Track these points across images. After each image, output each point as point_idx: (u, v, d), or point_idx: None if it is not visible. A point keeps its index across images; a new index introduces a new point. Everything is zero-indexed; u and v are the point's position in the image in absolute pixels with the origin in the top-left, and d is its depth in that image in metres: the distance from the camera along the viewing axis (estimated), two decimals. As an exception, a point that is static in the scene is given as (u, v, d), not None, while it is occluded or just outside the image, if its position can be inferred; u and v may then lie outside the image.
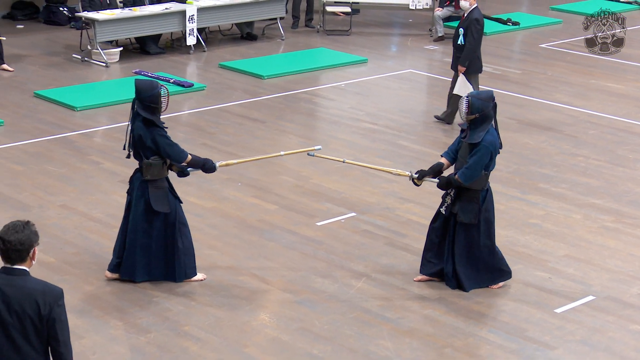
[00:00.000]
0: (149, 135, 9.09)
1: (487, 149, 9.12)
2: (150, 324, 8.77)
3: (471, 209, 9.25)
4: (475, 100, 9.12)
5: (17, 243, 5.68)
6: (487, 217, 9.39)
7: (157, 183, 9.23)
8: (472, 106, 9.10)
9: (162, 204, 9.23)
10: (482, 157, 9.12)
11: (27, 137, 13.44)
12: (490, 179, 12.25)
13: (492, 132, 9.20)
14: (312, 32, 20.22)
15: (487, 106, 9.12)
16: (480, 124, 9.15)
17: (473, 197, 9.26)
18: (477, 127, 9.16)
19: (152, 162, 9.15)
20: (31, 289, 5.70)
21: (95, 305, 9.06)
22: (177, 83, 15.92)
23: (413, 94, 16.21)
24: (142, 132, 9.10)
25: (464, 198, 9.27)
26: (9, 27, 19.56)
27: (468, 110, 9.13)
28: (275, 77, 16.70)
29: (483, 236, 9.38)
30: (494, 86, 16.44)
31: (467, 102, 9.14)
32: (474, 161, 9.11)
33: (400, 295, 9.40)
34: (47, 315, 5.68)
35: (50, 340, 5.72)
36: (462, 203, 9.27)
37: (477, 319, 8.99)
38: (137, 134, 9.14)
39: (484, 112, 9.12)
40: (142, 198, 9.23)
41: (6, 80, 16.14)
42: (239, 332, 8.69)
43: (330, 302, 9.25)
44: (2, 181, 11.88)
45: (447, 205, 9.39)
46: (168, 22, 17.97)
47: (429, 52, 18.87)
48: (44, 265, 9.75)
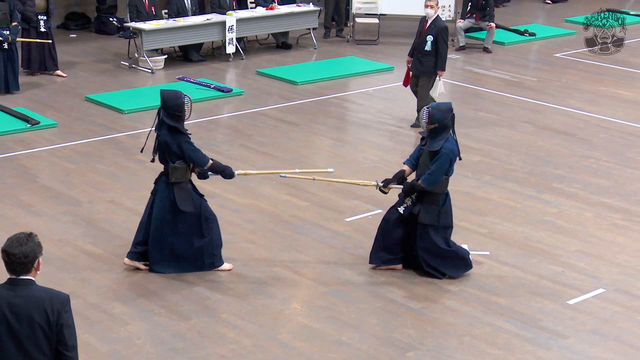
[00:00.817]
0: (174, 142, 9.12)
1: (447, 156, 9.19)
2: (190, 312, 8.77)
3: (432, 211, 9.31)
4: (436, 112, 9.19)
5: (22, 256, 5.47)
6: (445, 219, 9.41)
7: (182, 185, 9.27)
8: (432, 117, 9.18)
9: (187, 204, 9.27)
10: (442, 163, 9.19)
11: (78, 138, 13.49)
12: (507, 178, 12.23)
13: (451, 140, 9.26)
14: (342, 42, 20.17)
15: (446, 117, 9.19)
16: (439, 133, 9.22)
17: (434, 200, 9.32)
18: (436, 136, 9.22)
19: (177, 165, 9.19)
20: (38, 297, 5.54)
21: (140, 294, 9.07)
22: (217, 88, 15.93)
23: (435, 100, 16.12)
24: (168, 138, 9.13)
25: (425, 201, 9.32)
26: (62, 36, 19.64)
27: (428, 121, 9.21)
28: (308, 83, 16.67)
29: (440, 237, 9.39)
30: (511, 92, 16.37)
31: (427, 113, 9.21)
32: (435, 167, 9.18)
33: (423, 286, 9.35)
34: (56, 321, 5.52)
35: (59, 346, 5.56)
36: (423, 205, 9.32)
37: (494, 310, 8.94)
38: (164, 140, 9.17)
39: (443, 122, 9.18)
40: (167, 199, 9.27)
41: (60, 85, 16.21)
42: (273, 319, 8.68)
43: (358, 292, 9.22)
44: (55, 178, 11.93)
45: (406, 206, 9.43)
46: (209, 32, 17.98)
47: (451, 61, 18.76)
48: (93, 257, 9.78)
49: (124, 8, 19.98)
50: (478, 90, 16.63)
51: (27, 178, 11.91)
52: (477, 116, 15.06)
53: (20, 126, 13.76)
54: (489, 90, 16.58)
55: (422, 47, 14.06)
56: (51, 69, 16.68)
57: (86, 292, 9.06)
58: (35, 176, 11.98)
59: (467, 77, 17.51)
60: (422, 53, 14.10)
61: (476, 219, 10.96)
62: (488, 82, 17.16)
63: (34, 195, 11.35)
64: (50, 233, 10.32)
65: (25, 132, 13.63)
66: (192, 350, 8.14)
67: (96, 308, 8.78)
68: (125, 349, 8.13)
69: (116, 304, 8.88)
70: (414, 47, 14.23)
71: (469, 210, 11.22)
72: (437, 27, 14.02)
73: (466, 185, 11.99)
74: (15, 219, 10.68)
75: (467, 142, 13.62)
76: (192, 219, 9.36)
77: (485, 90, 16.62)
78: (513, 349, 8.30)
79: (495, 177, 12.34)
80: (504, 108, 15.51)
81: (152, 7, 18.06)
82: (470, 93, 16.48)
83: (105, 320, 8.58)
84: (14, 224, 10.49)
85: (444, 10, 19.83)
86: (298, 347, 8.23)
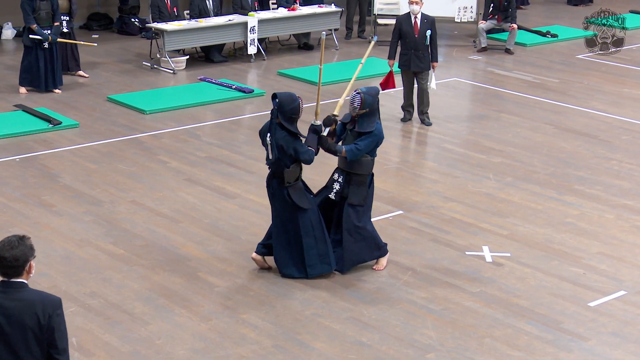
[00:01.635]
0: (290, 146, 9.11)
1: (377, 137, 9.41)
2: (211, 312, 8.78)
3: (360, 192, 9.48)
4: (367, 97, 9.36)
5: (12, 259, 5.41)
6: (370, 201, 9.63)
7: (297, 185, 9.30)
8: (364, 102, 9.34)
9: (303, 202, 9.28)
10: (371, 142, 9.39)
11: (100, 138, 13.53)
12: (528, 180, 12.18)
13: (379, 123, 9.48)
14: (364, 43, 20.15)
15: (376, 101, 9.42)
16: (370, 117, 9.40)
17: (362, 182, 9.49)
18: (367, 119, 9.39)
19: (291, 169, 9.20)
20: (30, 300, 5.47)
21: (161, 294, 9.09)
22: (239, 89, 15.94)
23: (458, 100, 16.10)
24: (284, 142, 9.10)
25: (354, 182, 9.48)
26: (85, 36, 19.70)
27: (360, 106, 9.34)
28: (330, 84, 16.65)
29: (366, 217, 9.57)
30: (533, 94, 16.32)
31: (360, 98, 9.34)
32: (364, 144, 9.35)
33: (443, 288, 9.33)
34: (47, 324, 5.46)
35: (50, 349, 5.51)
36: (352, 187, 9.47)
37: (515, 311, 8.90)
38: (279, 144, 9.12)
39: (373, 106, 9.40)
40: (284, 201, 9.27)
41: (82, 85, 16.27)
42: (294, 320, 8.68)
43: (378, 293, 9.21)
44: (77, 178, 11.96)
45: (336, 191, 9.56)
46: (231, 33, 17.99)
47: (472, 62, 18.74)
48: (114, 257, 9.80)
49: (146, 9, 20.02)
50: (500, 91, 16.58)
51: (49, 178, 11.95)
52: (498, 117, 15.01)
53: (42, 126, 13.81)
54: (511, 92, 16.52)
55: (422, 43, 14.14)
56: (73, 69, 16.74)
57: (107, 292, 9.08)
58: (57, 176, 12.02)
59: (489, 78, 17.45)
60: (422, 49, 14.17)
61: (497, 221, 10.93)
62: (510, 83, 17.10)
63: (55, 195, 11.39)
64: (72, 233, 10.36)
65: (47, 132, 13.69)
66: (212, 351, 8.15)
67: (117, 308, 8.80)
68: (146, 349, 8.14)
69: (137, 304, 8.90)
70: (408, 46, 14.22)
71: (490, 211, 11.18)
72: (430, 21, 14.19)
73: (487, 187, 11.96)
74: (37, 218, 10.72)
75: (488, 143, 13.59)
76: (313, 215, 9.34)
77: (507, 91, 16.57)
78: (534, 351, 8.26)
79: (517, 178, 12.29)
80: (526, 109, 15.46)
81: (174, 8, 18.10)
82: (492, 94, 16.43)
83: (125, 320, 8.59)
84: (35, 224, 10.53)
85: (465, 12, 19.79)
86: (318, 348, 8.22)
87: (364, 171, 9.47)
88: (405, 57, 14.32)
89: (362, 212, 9.52)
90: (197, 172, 12.20)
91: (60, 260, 9.74)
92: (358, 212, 9.50)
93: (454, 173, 12.46)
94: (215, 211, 11.04)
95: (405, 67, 14.38)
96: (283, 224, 9.36)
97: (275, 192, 9.32)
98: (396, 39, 14.45)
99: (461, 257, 9.96)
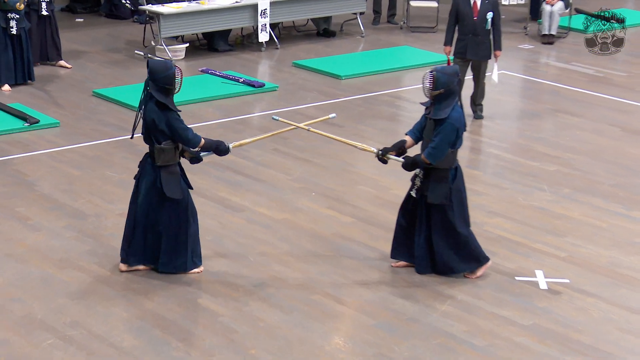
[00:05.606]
0: (163, 119, 9.42)
1: (453, 126, 9.48)
2: (214, 346, 8.75)
3: (441, 189, 9.61)
4: (441, 75, 9.46)
5: None
6: (459, 197, 9.72)
7: (170, 168, 9.57)
8: (437, 81, 9.46)
9: (175, 190, 9.56)
10: (448, 134, 9.47)
11: (84, 140, 13.55)
12: (590, 192, 12.12)
13: (458, 109, 9.55)
14: (394, 29, 20.16)
15: (452, 81, 9.48)
16: (445, 100, 9.48)
17: (442, 177, 9.61)
18: (442, 103, 9.49)
19: (164, 147, 9.49)
20: None
21: (155, 324, 9.06)
22: (247, 83, 15.96)
23: (504, 97, 16.05)
24: (156, 115, 9.43)
25: (432, 178, 9.60)
26: (67, 20, 19.79)
27: (432, 86, 9.48)
28: (354, 78, 16.66)
29: (457, 218, 9.72)
30: (595, 90, 16.27)
31: (431, 77, 9.47)
32: (440, 139, 9.46)
33: (489, 320, 9.28)
34: None
35: None
36: (431, 183, 9.59)
37: (577, 349, 8.84)
38: (150, 118, 9.45)
39: (449, 87, 9.46)
40: (154, 184, 9.58)
41: (64, 78, 16.31)
42: (311, 356, 8.64)
43: (411, 325, 9.17)
44: (57, 187, 11.97)
45: (417, 188, 9.72)
46: (238, 17, 18.03)
47: (523, 52, 18.69)
48: (100, 280, 9.80)
49: (139, -12, 20.09)
50: (556, 86, 16.56)
51: (24, 186, 11.97)
52: (554, 118, 14.97)
53: (17, 125, 13.85)
54: (569, 87, 16.50)
55: (482, 27, 14.24)
56: (54, 58, 16.81)
57: (91, 322, 9.07)
58: (34, 184, 12.04)
59: (543, 72, 17.43)
60: (482, 34, 14.29)
61: (553, 240, 10.88)
62: (568, 77, 17.07)
63: (31, 206, 11.40)
64: (50, 251, 10.35)
65: (22, 132, 13.73)
66: (214, 392, 8.12)
67: (102, 341, 8.78)
68: (136, 390, 8.12)
69: (126, 336, 8.88)
70: (466, 30, 14.31)
71: (544, 229, 11.13)
72: (492, 1, 14.29)
73: (541, 200, 11.91)
74: (10, 234, 10.73)
75: (542, 148, 13.54)
76: (180, 210, 9.66)
77: (564, 86, 16.54)
78: (597, 397, 8.21)
79: (576, 190, 12.24)
80: (587, 108, 15.42)
81: (171, -13, 18.16)
82: (546, 90, 16.40)
83: (112, 356, 8.57)
84: (7, 240, 10.54)
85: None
86: (340, 391, 8.19)
87: (443, 165, 9.57)
88: (462, 43, 14.40)
89: (451, 213, 9.67)
90: (197, 181, 12.17)
91: (36, 283, 9.74)
92: (445, 212, 9.65)
93: (501, 183, 12.42)
94: (218, 226, 11.03)
95: (461, 54, 14.45)
96: (145, 212, 9.65)
97: (144, 172, 9.63)
98: (453, 22, 14.55)
99: (510, 284, 9.91)
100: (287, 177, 12.32)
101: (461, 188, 9.77)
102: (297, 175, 12.43)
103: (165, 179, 9.53)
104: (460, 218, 9.77)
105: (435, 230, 9.74)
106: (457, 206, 9.73)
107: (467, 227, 9.87)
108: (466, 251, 9.85)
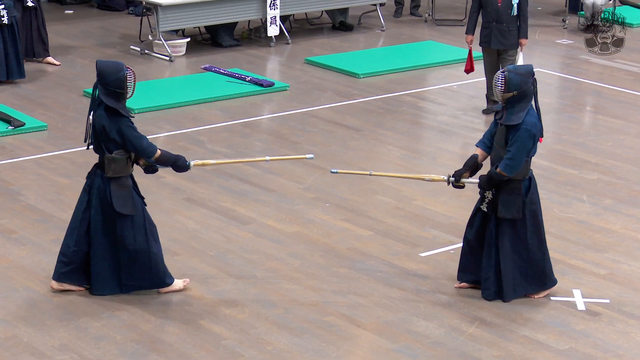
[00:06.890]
0: (113, 126, 9.41)
1: (529, 132, 9.41)
2: (217, 372, 8.81)
3: (513, 202, 9.54)
4: (513, 76, 9.40)
5: None
6: (533, 210, 9.67)
7: (121, 181, 9.57)
8: (509, 82, 9.40)
9: (126, 206, 9.56)
10: (524, 142, 9.41)
11: (74, 145, 13.57)
12: (635, 203, 12.13)
13: (533, 113, 9.49)
14: (418, 22, 20.18)
15: (526, 82, 9.42)
16: (518, 103, 9.44)
17: (514, 189, 9.54)
18: (515, 107, 9.44)
19: (115, 156, 9.48)
20: None
21: (152, 348, 9.11)
22: (254, 82, 15.99)
23: (541, 98, 15.95)
24: (106, 122, 9.42)
25: (504, 190, 9.53)
26: (56, 12, 19.84)
27: (504, 88, 9.42)
28: (373, 76, 16.68)
29: (530, 234, 9.66)
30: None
31: (502, 77, 9.42)
32: (516, 148, 9.40)
33: (521, 344, 9.31)
34: None
35: None
36: (502, 196, 9.54)
37: (615, 376, 8.89)
38: (100, 125, 9.44)
39: (523, 89, 9.41)
40: (104, 199, 9.59)
41: (52, 75, 16.36)
42: (324, 384, 8.71)
43: (435, 350, 9.21)
44: (44, 197, 12.02)
45: (488, 201, 9.66)
46: (245, 9, 18.06)
47: (561, 48, 18.71)
48: (91, 299, 9.84)
49: (135, -23, 20.17)
50: (597, 86, 16.56)
51: (7, 196, 12.03)
52: (595, 121, 14.97)
53: (0, 128, 13.92)
54: (612, 87, 16.50)
55: (508, 14, 14.40)
56: (40, 54, 16.82)
57: (81, 345, 9.11)
58: (19, 193, 12.09)
59: (583, 70, 17.43)
60: (507, 21, 14.44)
61: (593, 256, 10.90)
62: (610, 75, 17.06)
63: (16, 218, 11.46)
64: (36, 267, 10.40)
65: (6, 136, 13.78)
66: (217, 423, 8.18)
67: (94, 365, 8.85)
68: (132, 420, 8.20)
69: (120, 361, 8.94)
70: (490, 17, 14.47)
71: (583, 244, 11.16)
72: None
73: (580, 212, 11.94)
74: (-8, 248, 10.79)
75: (581, 154, 13.55)
76: (135, 226, 9.66)
77: (607, 86, 16.54)
78: None
79: (619, 201, 12.26)
80: (632, 111, 15.42)
81: (171, -24, 18.24)
82: (586, 90, 16.41)
83: (105, 382, 8.64)
84: (-10, 255, 10.61)
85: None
86: (356, 421, 8.25)
87: (517, 176, 9.53)
88: (486, 31, 14.58)
89: (523, 228, 9.63)
90: (199, 190, 12.24)
91: (21, 302, 9.78)
92: (516, 227, 9.62)
93: (535, 193, 12.44)
94: (223, 241, 11.08)
95: (485, 44, 14.62)
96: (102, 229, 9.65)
97: (94, 185, 9.62)
98: (476, 8, 14.72)
99: (545, 304, 9.92)
100: (299, 186, 12.35)
101: (535, 200, 9.71)
102: (309, 184, 12.46)
103: (116, 193, 9.53)
104: (534, 234, 9.70)
105: (502, 247, 9.66)
106: (530, 220, 9.65)
107: (540, 245, 9.77)
108: (534, 271, 9.78)
